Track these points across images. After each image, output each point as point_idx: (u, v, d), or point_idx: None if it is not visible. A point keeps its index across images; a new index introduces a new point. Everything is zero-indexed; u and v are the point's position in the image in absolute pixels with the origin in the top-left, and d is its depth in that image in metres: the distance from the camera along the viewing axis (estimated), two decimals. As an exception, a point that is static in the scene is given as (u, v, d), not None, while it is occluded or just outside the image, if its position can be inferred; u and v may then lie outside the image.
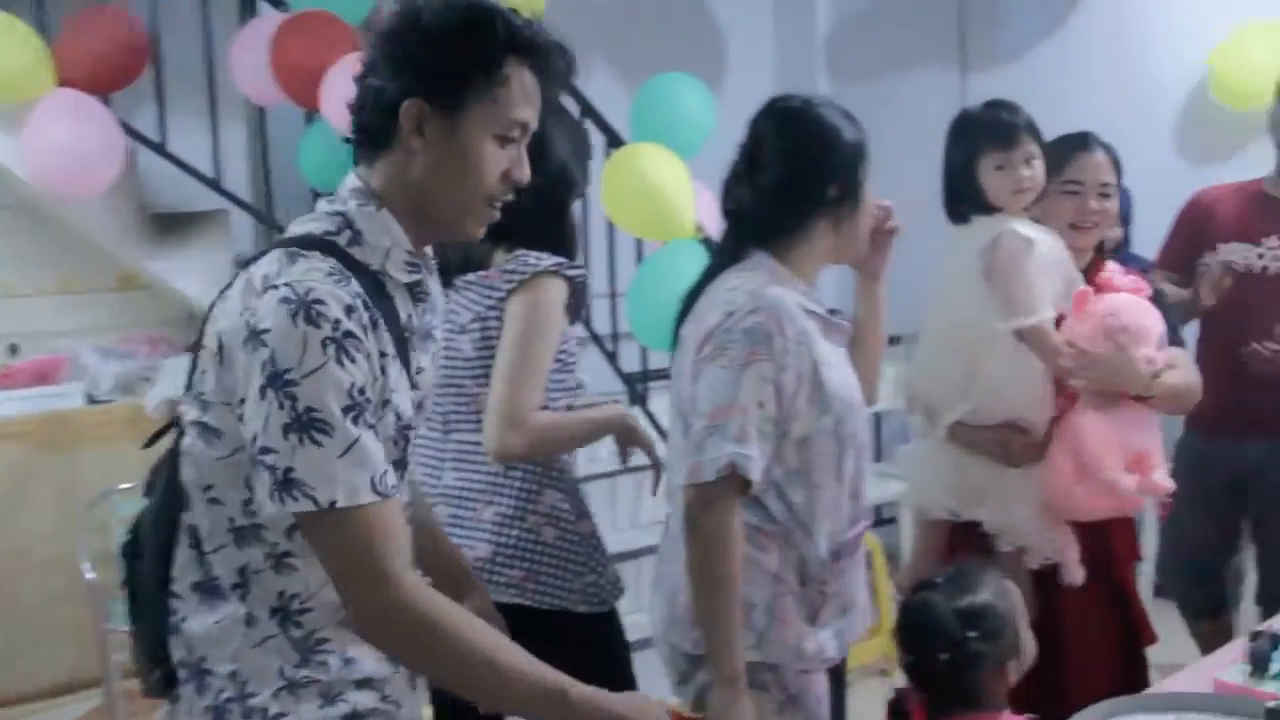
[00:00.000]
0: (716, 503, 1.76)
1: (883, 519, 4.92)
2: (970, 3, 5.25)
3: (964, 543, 2.34)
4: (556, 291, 2.05)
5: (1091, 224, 2.37)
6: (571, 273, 2.09)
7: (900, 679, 1.77)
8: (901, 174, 5.38)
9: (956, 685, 1.67)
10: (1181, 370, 2.35)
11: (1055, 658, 2.11)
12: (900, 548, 4.56)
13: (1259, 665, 1.68)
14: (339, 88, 3.52)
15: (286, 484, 1.27)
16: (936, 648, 1.66)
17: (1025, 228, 2.29)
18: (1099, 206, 2.37)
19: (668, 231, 3.62)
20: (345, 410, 1.28)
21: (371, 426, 1.31)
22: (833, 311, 1.94)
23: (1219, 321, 3.06)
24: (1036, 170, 2.30)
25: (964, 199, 2.36)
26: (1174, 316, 2.43)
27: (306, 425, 1.27)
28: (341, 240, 1.39)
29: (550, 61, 1.44)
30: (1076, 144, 2.40)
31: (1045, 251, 2.29)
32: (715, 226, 3.50)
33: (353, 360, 1.29)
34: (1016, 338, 2.27)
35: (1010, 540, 2.31)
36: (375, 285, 1.37)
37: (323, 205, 1.43)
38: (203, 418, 1.36)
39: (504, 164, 1.42)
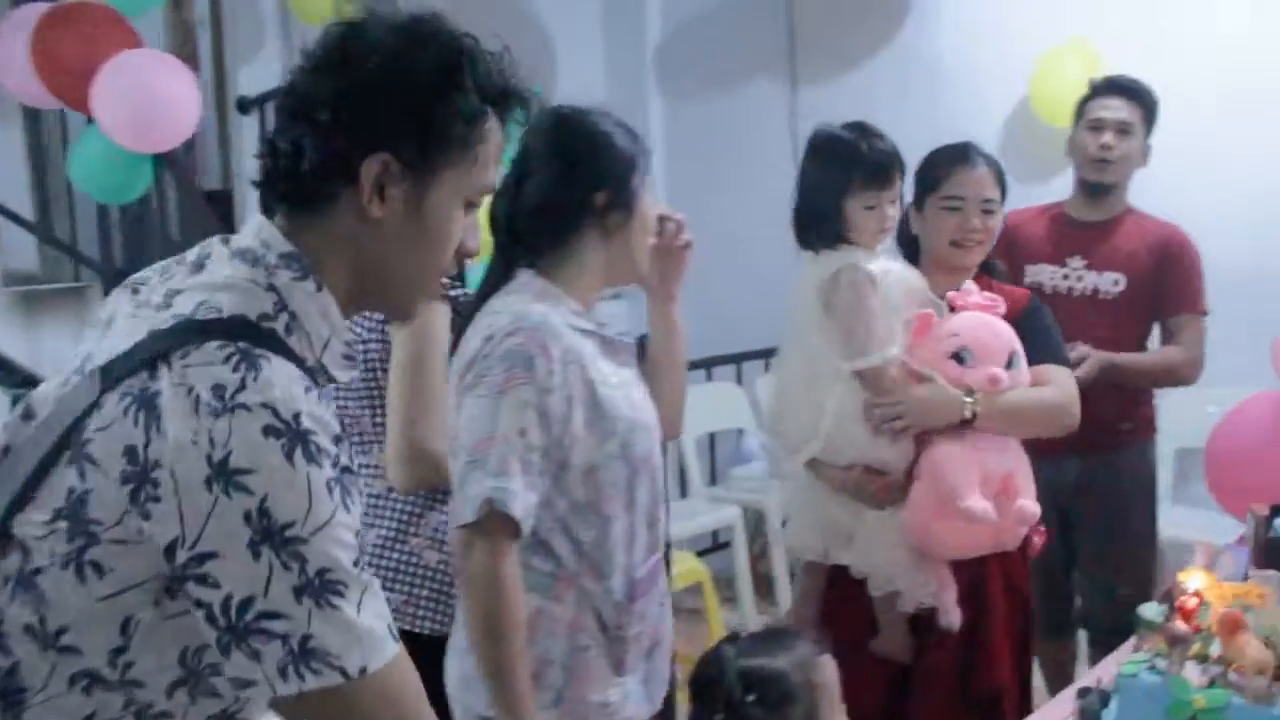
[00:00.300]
0: (482, 545, 1.61)
1: (717, 544, 4.78)
2: (799, 16, 5.20)
3: (843, 584, 2.25)
4: (440, 314, 1.89)
5: (974, 242, 2.28)
6: (454, 293, 1.95)
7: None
8: (732, 185, 5.59)
9: None
10: (1049, 389, 2.22)
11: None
12: (735, 574, 4.49)
13: (1088, 724, 1.54)
14: (113, 89, 3.21)
15: (304, 655, 1.02)
16: (714, 706, 1.54)
17: (870, 261, 2.18)
18: (981, 224, 2.28)
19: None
20: (355, 561, 1.05)
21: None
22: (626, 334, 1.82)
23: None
24: (897, 208, 2.22)
25: (818, 229, 2.21)
26: (1057, 334, 2.34)
27: (321, 589, 1.02)
28: (279, 327, 1.10)
29: (520, 112, 1.23)
30: (957, 157, 2.31)
31: (894, 283, 2.20)
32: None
33: (354, 501, 1.07)
34: (856, 378, 2.17)
35: (878, 585, 2.20)
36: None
37: (238, 270, 1.12)
38: (86, 553, 1.05)
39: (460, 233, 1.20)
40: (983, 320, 2.14)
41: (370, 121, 1.12)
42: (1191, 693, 1.42)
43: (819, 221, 2.19)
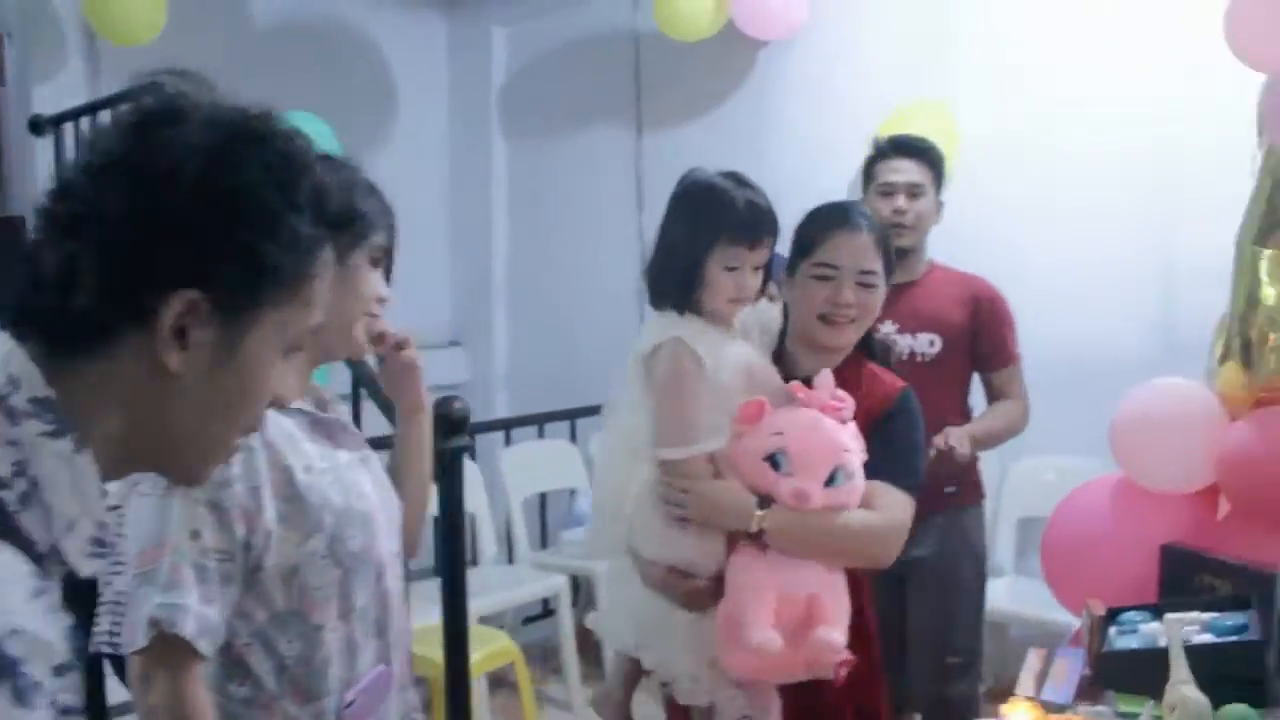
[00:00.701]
0: (161, 674, 1.38)
1: (547, 610, 4.51)
2: (647, 61, 5.08)
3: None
4: None
5: (845, 318, 1.94)
6: None
7: None
8: (575, 231, 5.40)
9: None
10: (868, 515, 1.84)
11: None
12: (560, 645, 4.22)
13: None
14: None
15: None
16: None
17: (699, 337, 1.87)
18: (855, 298, 1.93)
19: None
20: None
21: None
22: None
23: None
24: (759, 278, 1.92)
25: (670, 285, 1.90)
26: (912, 444, 1.98)
27: None
28: (9, 498, 0.83)
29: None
30: (836, 219, 1.99)
31: (730, 365, 1.89)
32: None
33: None
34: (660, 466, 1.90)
35: (684, 695, 1.92)
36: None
37: None
38: None
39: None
40: (817, 424, 1.80)
41: (176, 248, 0.86)
42: None
43: (672, 277, 1.89)
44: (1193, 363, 2.40)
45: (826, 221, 1.99)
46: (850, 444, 1.81)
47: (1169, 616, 1.27)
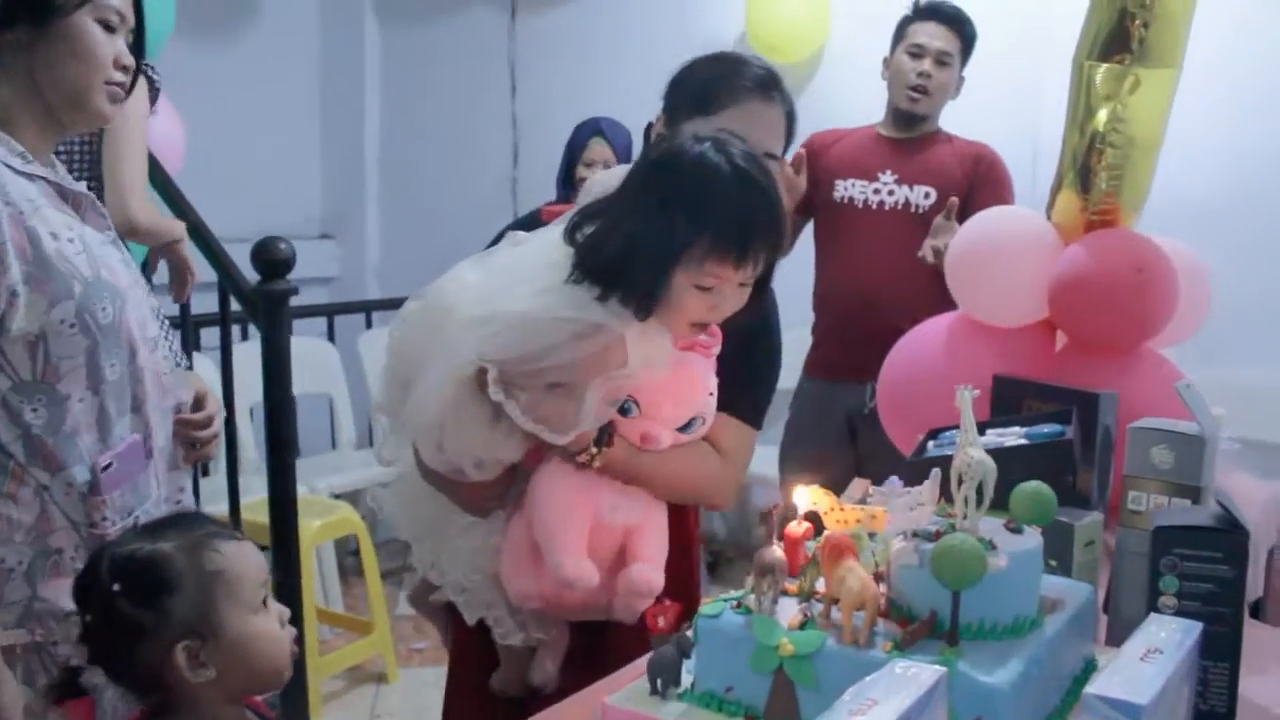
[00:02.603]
0: None
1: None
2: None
3: None
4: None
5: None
6: None
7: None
8: (447, 115, 5.20)
9: (104, 659, 1.25)
10: (704, 460, 1.60)
11: None
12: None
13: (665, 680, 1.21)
14: None
15: None
16: (88, 607, 1.24)
17: (642, 344, 1.47)
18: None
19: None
20: None
21: None
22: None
23: (838, 258, 3.10)
24: (744, 295, 1.49)
25: (632, 293, 1.43)
26: (762, 366, 1.70)
27: None
28: None
29: None
30: (748, 82, 1.68)
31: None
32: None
33: None
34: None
35: (466, 610, 1.64)
36: None
37: None
38: None
39: None
40: (680, 368, 1.51)
41: None
42: (778, 636, 1.13)
43: (629, 278, 1.42)
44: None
45: (728, 82, 1.67)
46: (714, 386, 1.56)
47: (960, 390, 1.19)
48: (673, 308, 1.44)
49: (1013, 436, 1.67)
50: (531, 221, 1.71)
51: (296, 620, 2.66)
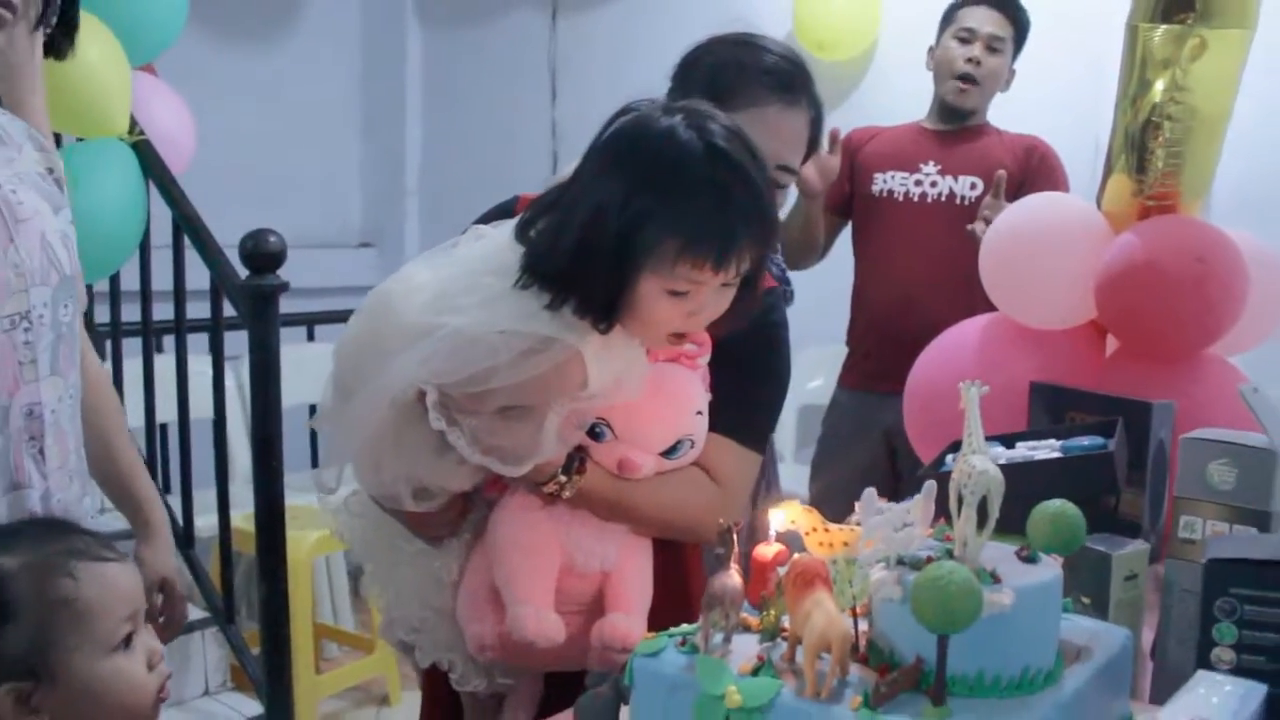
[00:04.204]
0: None
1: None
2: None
3: None
4: None
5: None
6: None
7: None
8: (489, 117, 5.10)
9: None
10: (693, 491, 1.37)
11: None
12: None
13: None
14: None
15: None
16: None
17: (604, 357, 1.27)
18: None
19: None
20: None
21: None
22: None
23: (876, 255, 2.90)
24: (727, 297, 1.28)
25: (589, 300, 1.22)
26: (762, 377, 1.48)
27: None
28: None
29: None
30: (772, 80, 1.55)
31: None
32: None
33: None
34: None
35: (415, 644, 1.43)
36: None
37: None
38: None
39: None
40: (660, 384, 1.31)
41: None
42: (726, 683, 0.91)
43: (586, 283, 1.21)
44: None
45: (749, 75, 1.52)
46: (703, 403, 1.35)
47: (966, 385, 0.98)
48: (642, 317, 1.22)
49: (1046, 449, 1.44)
50: (507, 210, 1.47)
51: (287, 637, 2.53)
